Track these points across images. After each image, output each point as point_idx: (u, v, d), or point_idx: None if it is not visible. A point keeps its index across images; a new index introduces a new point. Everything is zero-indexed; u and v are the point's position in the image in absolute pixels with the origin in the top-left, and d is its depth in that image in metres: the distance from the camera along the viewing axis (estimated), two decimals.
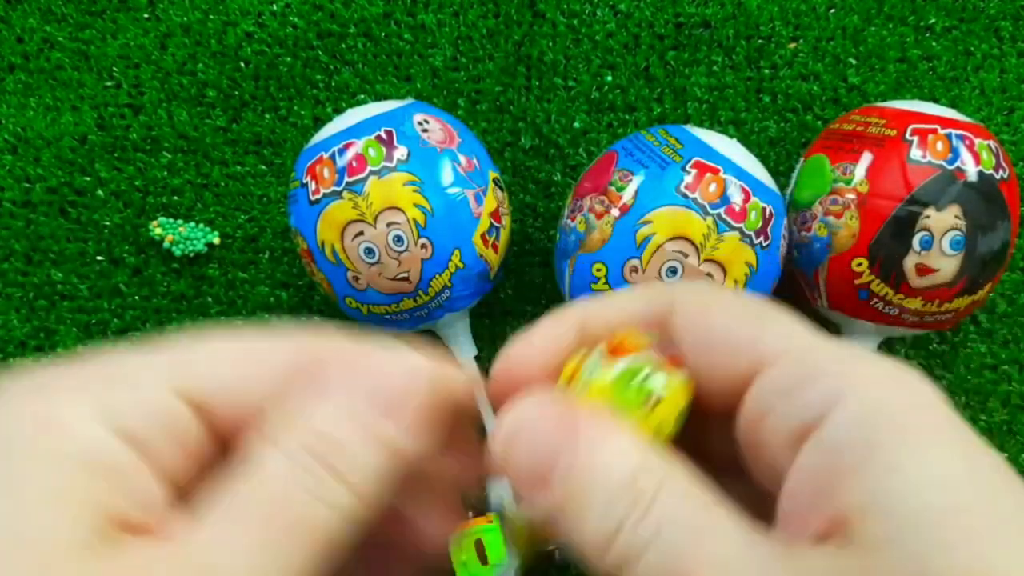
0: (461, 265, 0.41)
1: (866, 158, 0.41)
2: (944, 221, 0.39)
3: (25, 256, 0.51)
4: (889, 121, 0.42)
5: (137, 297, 0.50)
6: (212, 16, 0.52)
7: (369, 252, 0.40)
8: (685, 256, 0.39)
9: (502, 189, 0.44)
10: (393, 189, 0.40)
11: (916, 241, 0.40)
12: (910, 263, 0.40)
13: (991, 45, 0.51)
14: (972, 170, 0.40)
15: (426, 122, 0.42)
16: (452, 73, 0.52)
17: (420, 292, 0.41)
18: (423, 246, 0.40)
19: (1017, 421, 0.49)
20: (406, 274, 0.41)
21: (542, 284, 0.50)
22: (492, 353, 0.50)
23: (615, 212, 0.40)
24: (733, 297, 0.18)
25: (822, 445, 0.15)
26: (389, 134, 0.40)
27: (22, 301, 0.51)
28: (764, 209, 0.40)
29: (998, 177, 0.40)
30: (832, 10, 0.52)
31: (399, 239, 0.40)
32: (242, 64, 0.52)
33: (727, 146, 0.41)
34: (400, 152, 0.40)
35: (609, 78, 0.51)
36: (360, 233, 0.40)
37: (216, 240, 0.50)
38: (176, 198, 0.51)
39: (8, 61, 0.52)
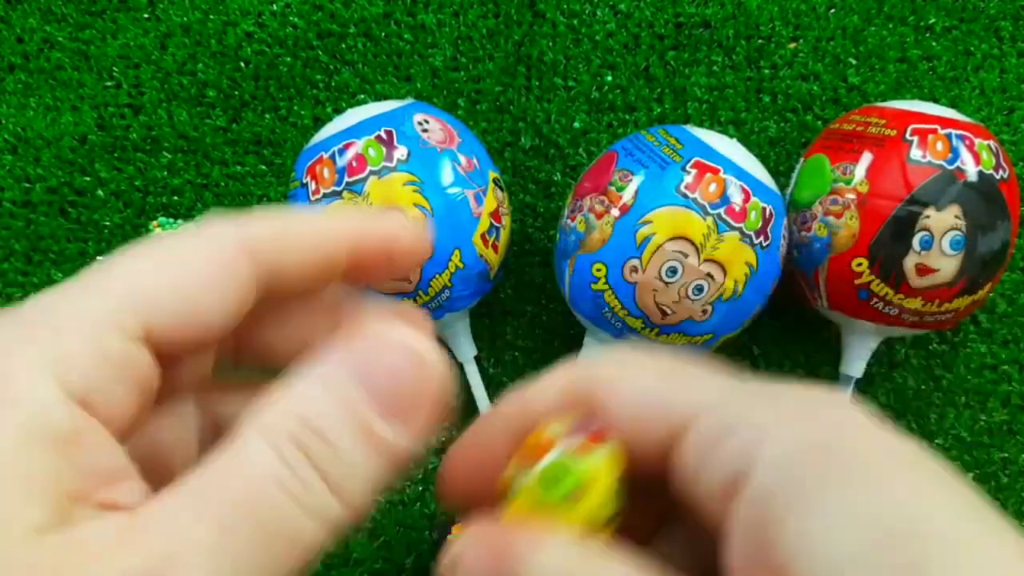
0: (461, 265, 0.41)
1: (866, 158, 0.41)
2: (944, 221, 0.39)
3: (25, 256, 0.51)
4: (889, 121, 0.42)
5: None
6: (212, 16, 0.52)
7: None
8: (685, 256, 0.39)
9: (502, 189, 0.44)
10: (393, 189, 0.40)
11: (916, 241, 0.40)
12: (910, 263, 0.40)
13: (991, 45, 0.51)
14: (972, 170, 0.40)
15: (426, 122, 0.42)
16: (452, 73, 0.52)
17: (420, 292, 0.41)
18: None
19: (1017, 421, 0.49)
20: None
21: (542, 284, 0.50)
22: (492, 353, 0.50)
23: (615, 212, 0.40)
24: (650, 361, 0.17)
25: (749, 498, 0.15)
26: (389, 134, 0.40)
27: (22, 301, 0.51)
28: (764, 209, 0.40)
29: (998, 177, 0.40)
30: (832, 10, 0.52)
31: None
32: (242, 64, 0.52)
33: (727, 146, 0.41)
34: (400, 152, 0.40)
35: (609, 78, 0.51)
36: None
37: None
38: (176, 198, 0.51)
39: (8, 61, 0.52)
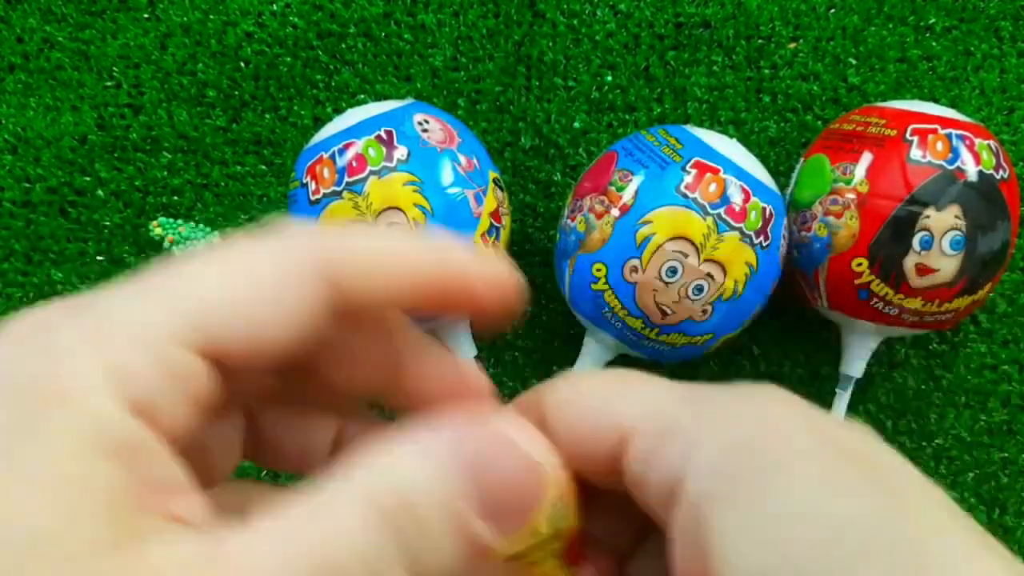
0: None
1: (866, 158, 0.41)
2: (944, 221, 0.39)
3: (25, 256, 0.51)
4: (889, 121, 0.42)
5: None
6: (212, 16, 0.52)
7: None
8: (685, 256, 0.39)
9: (502, 189, 0.44)
10: (393, 189, 0.40)
11: (916, 241, 0.40)
12: (910, 263, 0.40)
13: (991, 45, 0.51)
14: (972, 170, 0.40)
15: (426, 122, 0.42)
16: (452, 73, 0.52)
17: None
18: None
19: (1017, 421, 0.49)
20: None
21: (542, 284, 0.50)
22: (492, 353, 0.50)
23: (615, 212, 0.40)
24: (593, 379, 0.18)
25: (684, 504, 0.15)
26: (389, 134, 0.40)
27: (22, 301, 0.51)
28: (764, 209, 0.40)
29: (998, 177, 0.40)
30: (832, 10, 0.52)
31: None
32: (242, 64, 0.52)
33: (727, 146, 0.41)
34: (400, 152, 0.40)
35: (609, 78, 0.51)
36: None
37: (216, 240, 0.50)
38: (176, 198, 0.51)
39: (8, 61, 0.52)
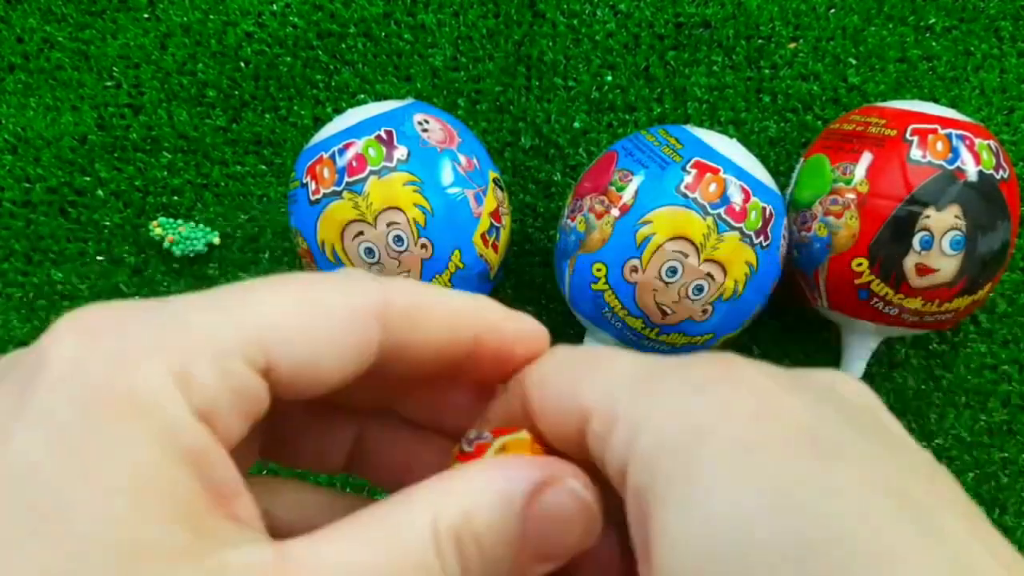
0: (461, 265, 0.41)
1: (866, 158, 0.41)
2: (944, 221, 0.39)
3: (25, 256, 0.51)
4: (889, 121, 0.42)
5: (137, 297, 0.50)
6: (212, 16, 0.52)
7: (369, 252, 0.40)
8: (685, 256, 0.39)
9: (502, 189, 0.44)
10: (393, 189, 0.40)
11: (916, 241, 0.40)
12: (910, 263, 0.40)
13: (991, 45, 0.51)
14: (972, 170, 0.40)
15: (426, 122, 0.42)
16: (452, 73, 0.52)
17: None
18: (423, 246, 0.40)
19: (1017, 421, 0.49)
20: (406, 274, 0.41)
21: (542, 284, 0.50)
22: None
23: (615, 212, 0.40)
24: (565, 358, 0.18)
25: (630, 492, 0.15)
26: (389, 134, 0.40)
27: (22, 301, 0.51)
28: (764, 209, 0.40)
29: (998, 177, 0.40)
30: (832, 10, 0.52)
31: (399, 239, 0.40)
32: (242, 64, 0.52)
33: (727, 146, 0.41)
34: (400, 152, 0.40)
35: (609, 78, 0.51)
36: (360, 233, 0.40)
37: (216, 240, 0.50)
38: (176, 198, 0.51)
39: (8, 61, 0.52)
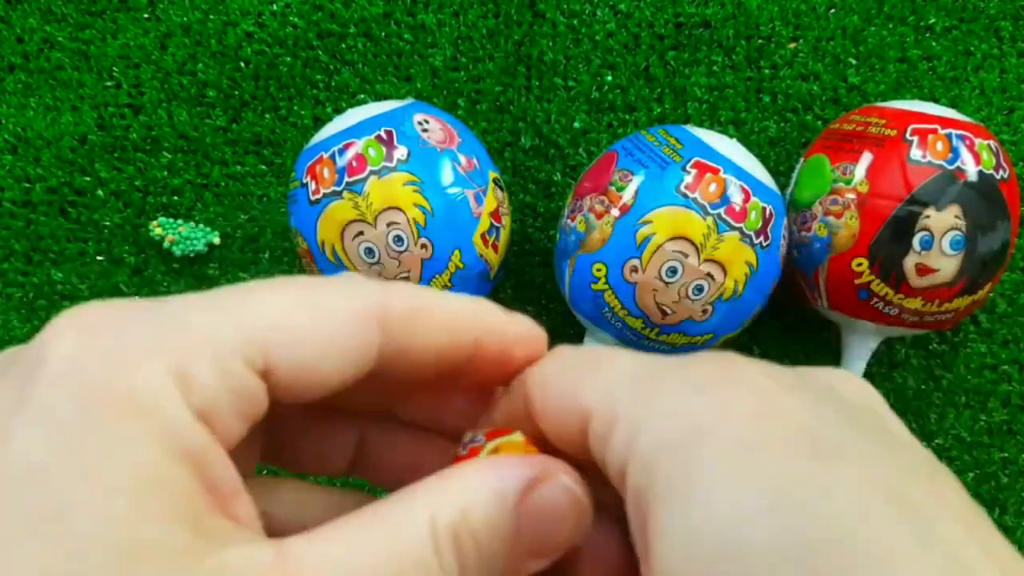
0: (461, 265, 0.41)
1: (866, 158, 0.41)
2: (944, 221, 0.39)
3: (25, 256, 0.51)
4: (889, 121, 0.42)
5: (137, 297, 0.50)
6: (212, 16, 0.52)
7: (369, 252, 0.40)
8: (685, 256, 0.39)
9: (502, 189, 0.44)
10: (393, 189, 0.40)
11: (916, 241, 0.40)
12: (910, 263, 0.40)
13: (991, 45, 0.51)
14: (972, 170, 0.40)
15: (426, 122, 0.42)
16: (452, 73, 0.52)
17: None
18: (423, 246, 0.40)
19: (1017, 421, 0.49)
20: (406, 274, 0.41)
21: (542, 284, 0.50)
22: None
23: (615, 212, 0.40)
24: (566, 358, 0.18)
25: (630, 493, 0.15)
26: (389, 134, 0.40)
27: (22, 301, 0.51)
28: (764, 209, 0.40)
29: (998, 177, 0.40)
30: (832, 10, 0.52)
31: (399, 239, 0.40)
32: (242, 64, 0.52)
33: (727, 146, 0.41)
34: (400, 152, 0.40)
35: (609, 78, 0.51)
36: (360, 233, 0.40)
37: (216, 240, 0.50)
38: (176, 198, 0.51)
39: (8, 61, 0.52)
